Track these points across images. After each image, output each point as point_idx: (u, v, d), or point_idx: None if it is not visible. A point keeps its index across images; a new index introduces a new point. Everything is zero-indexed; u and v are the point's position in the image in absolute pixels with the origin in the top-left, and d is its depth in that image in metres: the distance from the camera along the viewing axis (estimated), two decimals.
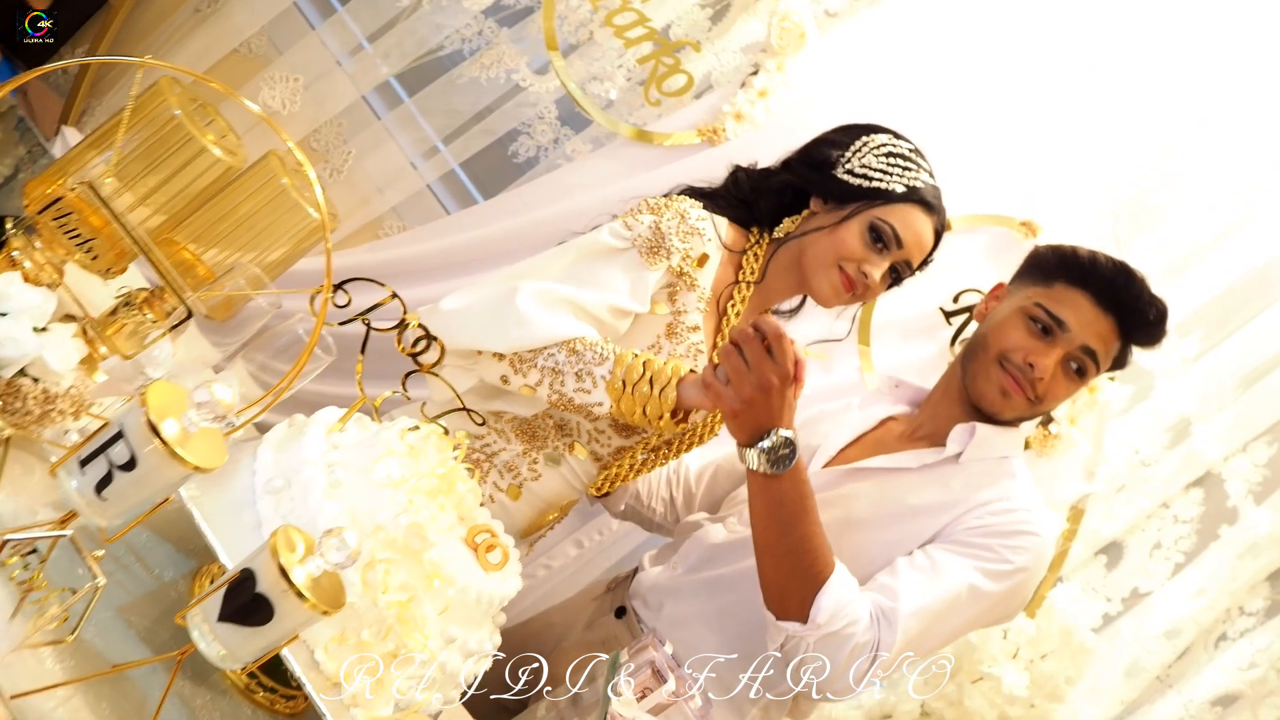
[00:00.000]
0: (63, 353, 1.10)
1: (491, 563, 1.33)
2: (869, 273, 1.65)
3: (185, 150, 1.16)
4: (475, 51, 2.53)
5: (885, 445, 1.74)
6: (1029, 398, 1.62)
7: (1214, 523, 2.46)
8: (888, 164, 1.68)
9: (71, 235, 1.10)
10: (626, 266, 1.59)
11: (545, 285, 1.56)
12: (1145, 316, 1.62)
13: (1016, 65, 2.36)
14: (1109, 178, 2.37)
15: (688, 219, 1.63)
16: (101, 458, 0.92)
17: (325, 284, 1.10)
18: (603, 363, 1.52)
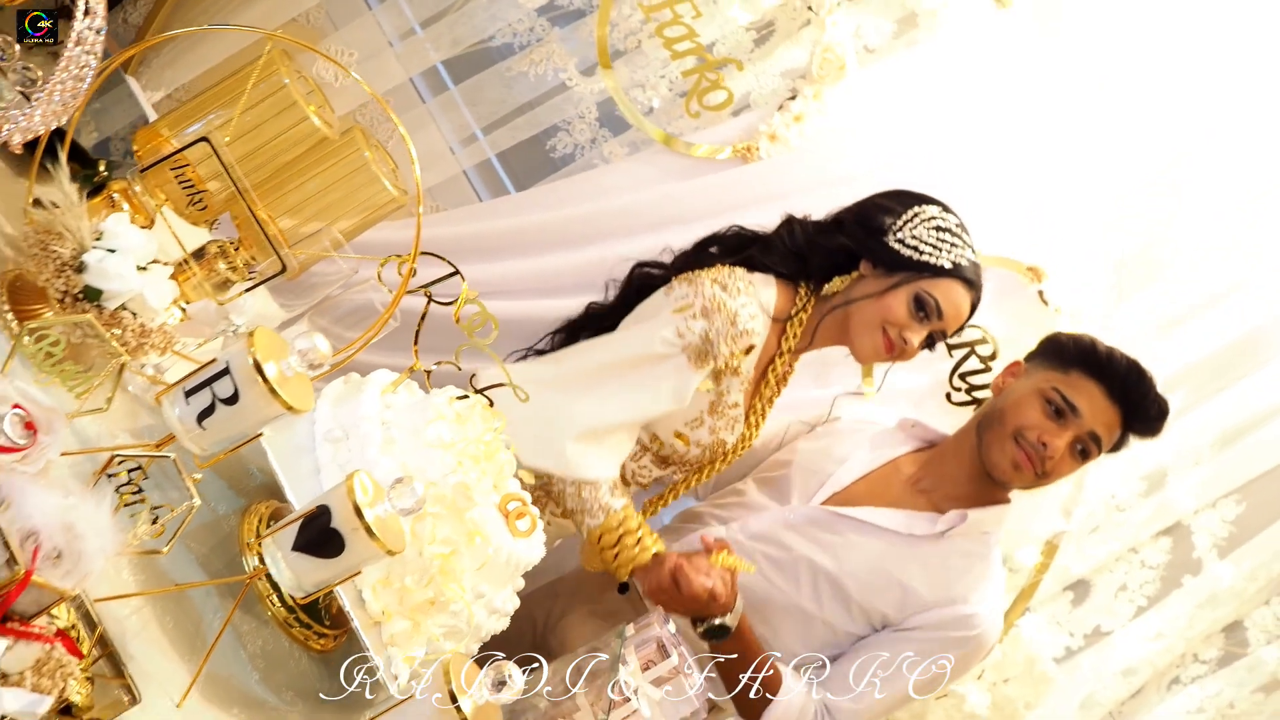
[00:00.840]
0: (160, 292, 1.19)
1: (520, 529, 1.43)
2: (909, 339, 1.81)
3: (287, 118, 1.26)
4: (525, 47, 2.62)
5: (890, 488, 1.93)
6: (1037, 473, 1.83)
7: (1178, 571, 2.59)
8: (937, 238, 1.82)
9: (185, 185, 1.19)
10: (674, 370, 1.74)
11: (593, 423, 1.72)
12: (1149, 412, 1.84)
13: (1036, 120, 2.48)
14: (1115, 231, 2.50)
15: (738, 323, 1.75)
16: (206, 390, 1.02)
17: (412, 254, 1.20)
18: (595, 517, 1.74)
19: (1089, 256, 2.51)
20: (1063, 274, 2.46)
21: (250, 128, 1.27)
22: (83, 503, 0.92)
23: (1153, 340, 2.51)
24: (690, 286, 1.79)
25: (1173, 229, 2.52)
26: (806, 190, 2.36)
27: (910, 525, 1.88)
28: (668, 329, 1.76)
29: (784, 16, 2.53)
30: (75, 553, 0.91)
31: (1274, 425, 2.56)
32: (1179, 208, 2.50)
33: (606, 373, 1.78)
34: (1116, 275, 2.54)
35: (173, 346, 1.22)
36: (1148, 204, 2.51)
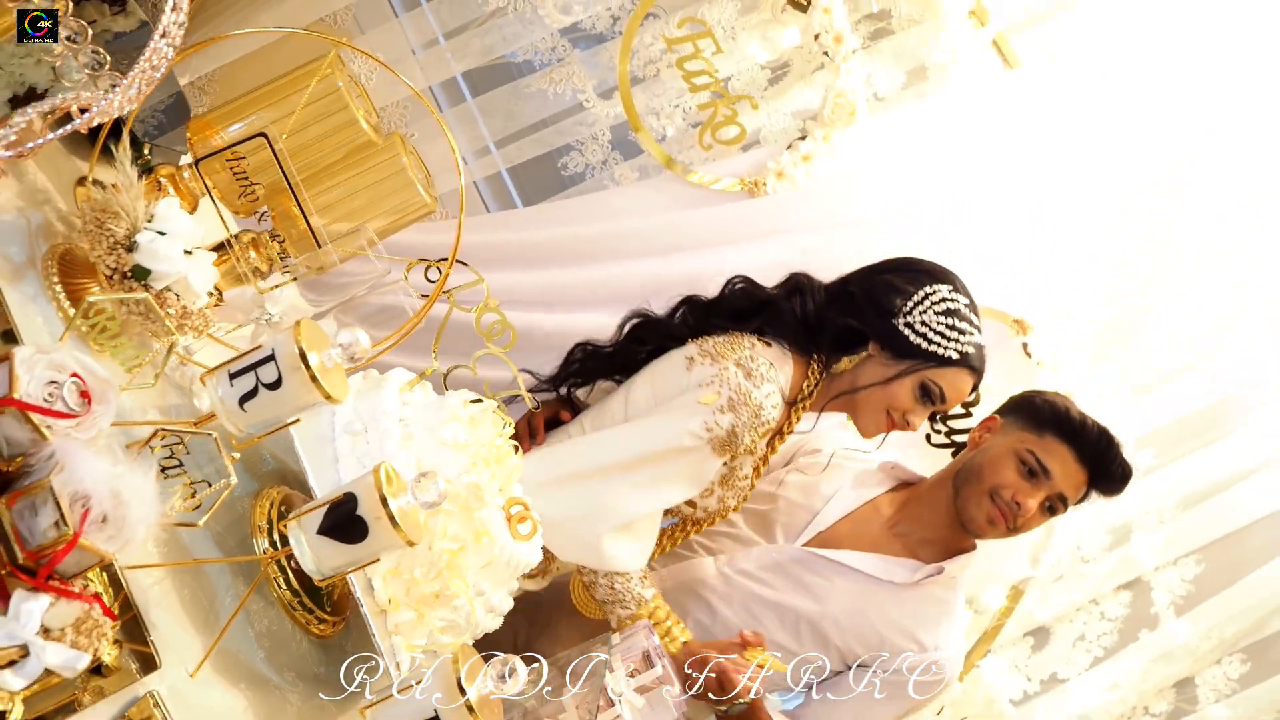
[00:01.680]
0: (203, 276, 1.24)
1: (521, 533, 1.48)
2: (911, 420, 1.88)
3: (336, 119, 1.31)
4: (546, 66, 2.69)
5: (869, 531, 2.02)
6: (1009, 527, 1.94)
7: (1136, 625, 2.68)
8: (946, 326, 1.86)
9: (239, 177, 1.24)
10: (699, 461, 1.79)
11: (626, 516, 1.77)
12: (1114, 475, 1.95)
13: (1034, 178, 2.57)
14: (1100, 294, 2.59)
15: (761, 415, 1.79)
16: (250, 375, 1.06)
17: (450, 257, 1.25)
18: (625, 608, 1.79)
19: (1074, 316, 2.60)
20: (1048, 329, 2.54)
21: (299, 126, 1.32)
22: (130, 471, 0.97)
23: (1126, 400, 2.61)
24: (714, 368, 1.80)
25: (1151, 301, 2.62)
26: (810, 229, 2.44)
27: (890, 572, 1.97)
28: (695, 422, 1.77)
29: (800, 59, 2.62)
30: (120, 519, 0.95)
31: (1235, 491, 2.65)
32: (1157, 281, 2.61)
33: (635, 467, 1.79)
34: (1098, 336, 2.64)
35: (208, 330, 1.26)
36: (1130, 273, 2.61)
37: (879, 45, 2.62)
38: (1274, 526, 2.68)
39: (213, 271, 1.27)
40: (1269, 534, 2.67)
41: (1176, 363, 2.64)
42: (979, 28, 2.55)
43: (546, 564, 1.88)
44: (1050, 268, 2.58)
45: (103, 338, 1.08)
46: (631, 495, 1.77)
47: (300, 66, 1.33)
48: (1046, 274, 2.59)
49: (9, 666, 0.87)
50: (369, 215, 1.52)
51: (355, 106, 1.34)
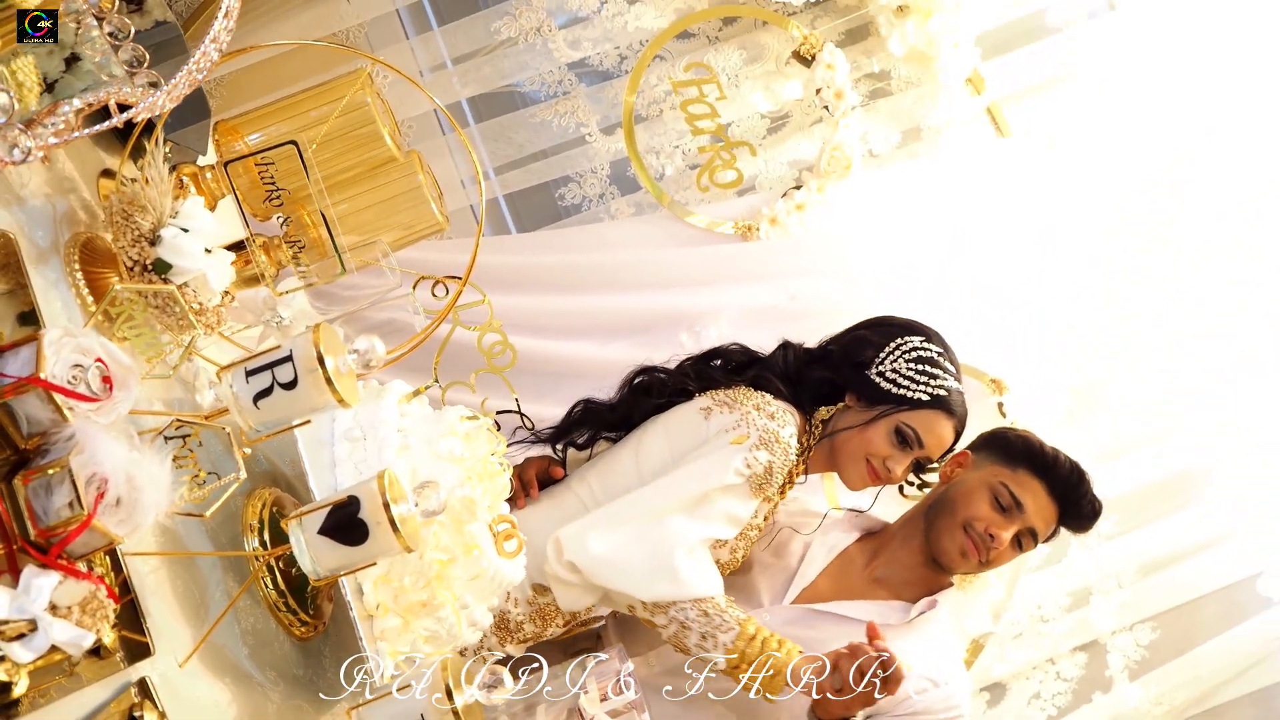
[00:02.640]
0: (221, 275, 1.26)
1: (507, 550, 1.50)
2: (892, 468, 1.89)
3: (361, 134, 1.35)
4: (552, 98, 2.74)
5: (850, 580, 2.02)
6: (981, 560, 1.95)
7: (1090, 687, 2.72)
8: (916, 371, 1.89)
9: (267, 182, 1.27)
10: (739, 499, 1.80)
11: (691, 537, 1.74)
12: (1084, 511, 1.98)
13: (1018, 242, 2.65)
14: (1075, 359, 2.67)
15: (790, 455, 1.82)
16: (267, 373, 1.09)
17: (465, 275, 1.29)
18: (727, 631, 1.70)
19: (1048, 380, 2.68)
20: (1023, 391, 2.61)
21: (326, 138, 1.35)
22: (146, 458, 0.99)
23: (1093, 466, 2.66)
24: (735, 414, 1.82)
25: (1119, 372, 2.70)
26: (800, 275, 2.51)
27: (884, 616, 1.96)
28: (737, 460, 1.77)
29: (799, 111, 2.69)
30: (132, 503, 0.97)
31: (1192, 562, 2.72)
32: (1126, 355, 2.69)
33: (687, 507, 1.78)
34: (1070, 402, 2.71)
35: (220, 328, 1.29)
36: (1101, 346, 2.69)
37: (877, 104, 2.71)
38: (1227, 599, 2.75)
39: (230, 271, 1.30)
40: (1222, 606, 2.74)
41: (1141, 433, 2.72)
42: (975, 95, 2.64)
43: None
44: (1028, 331, 2.66)
45: (125, 327, 1.10)
46: (690, 524, 1.76)
47: (332, 80, 1.36)
48: (1024, 337, 2.67)
49: (18, 639, 0.88)
50: (379, 229, 1.54)
51: (382, 123, 1.38)
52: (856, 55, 2.68)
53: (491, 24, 2.74)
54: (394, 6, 2.80)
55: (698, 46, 2.73)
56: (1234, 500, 2.69)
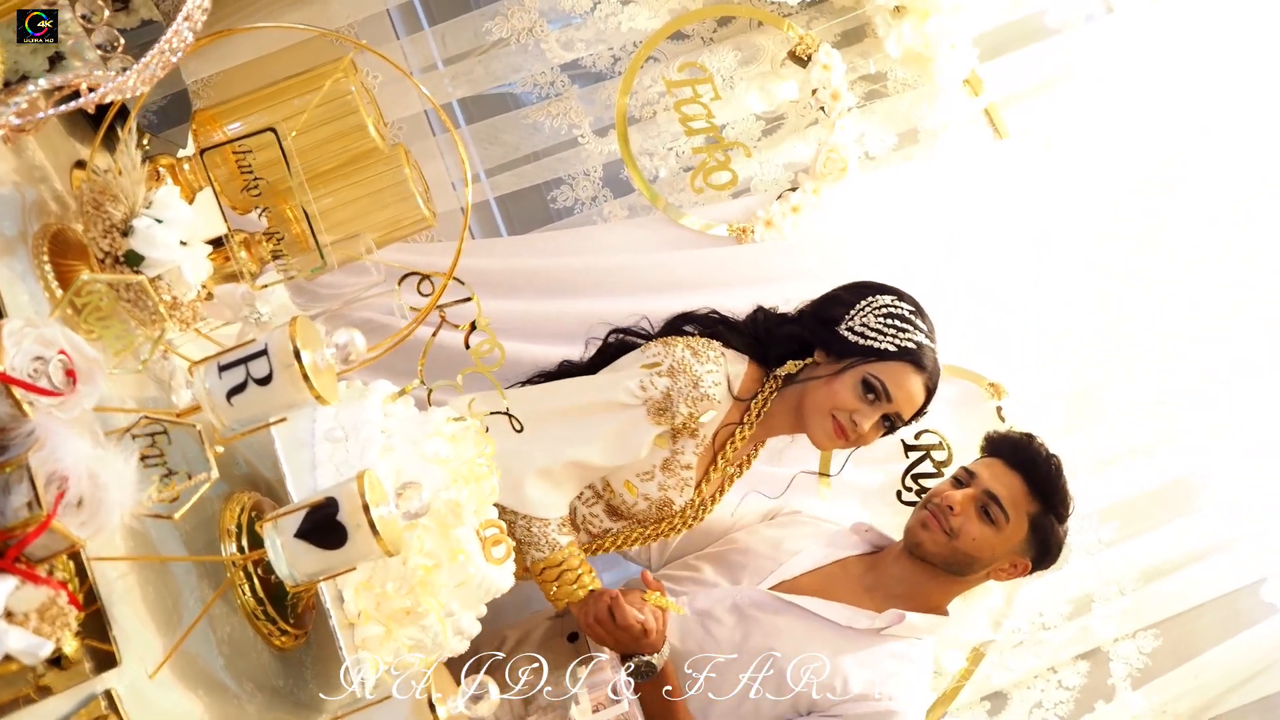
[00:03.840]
0: (197, 268, 1.22)
1: (495, 556, 1.46)
2: (859, 422, 1.86)
3: (346, 123, 1.30)
4: (544, 99, 2.70)
5: (835, 585, 2.01)
6: (944, 530, 1.92)
7: (1092, 696, 2.68)
8: (884, 324, 1.89)
9: (245, 171, 1.23)
10: (632, 423, 1.81)
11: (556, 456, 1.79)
12: (1045, 471, 1.96)
13: (1015, 246, 2.61)
14: (1072, 367, 2.63)
15: (700, 387, 1.82)
16: (241, 368, 1.04)
17: (449, 270, 1.24)
18: (540, 550, 1.80)
19: (1047, 385, 2.64)
20: (1021, 396, 2.57)
21: (307, 128, 1.31)
22: (110, 455, 0.94)
23: (1093, 473, 2.64)
24: (663, 348, 1.86)
25: (1119, 377, 2.66)
26: (795, 278, 2.45)
27: (851, 619, 1.95)
28: (632, 381, 1.83)
29: (795, 112, 2.66)
30: (96, 503, 0.92)
31: (1194, 569, 2.68)
32: (1125, 359, 2.65)
33: (570, 416, 1.83)
34: (1069, 408, 2.67)
35: (196, 323, 1.24)
36: (1096, 348, 2.66)
37: (873, 106, 2.67)
38: (1229, 606, 2.71)
39: (207, 265, 1.25)
40: (1225, 613, 2.70)
41: (1139, 439, 2.68)
42: (972, 97, 2.61)
43: None
44: (1025, 335, 2.62)
45: (92, 319, 1.06)
46: (560, 440, 1.80)
47: (314, 68, 1.32)
48: (1021, 341, 2.63)
49: None
50: (364, 223, 1.50)
51: (366, 113, 1.33)
52: (853, 56, 2.65)
53: (483, 24, 2.71)
54: (385, 6, 2.76)
55: (692, 47, 2.69)
56: (1234, 506, 2.65)
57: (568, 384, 1.91)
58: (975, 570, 1.97)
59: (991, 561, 1.96)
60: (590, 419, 1.82)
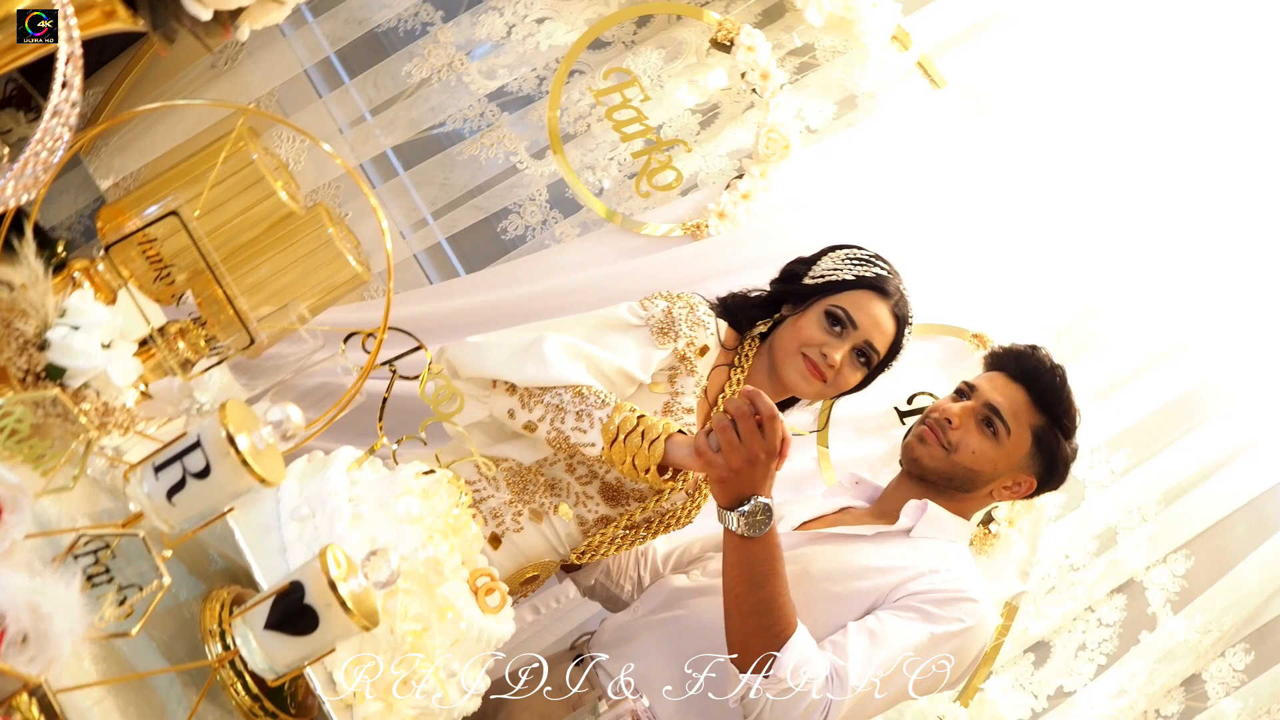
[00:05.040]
0: (124, 369, 1.17)
1: (490, 605, 1.41)
2: (828, 354, 1.80)
3: (255, 192, 1.26)
4: (476, 132, 2.67)
5: (844, 519, 1.90)
6: (942, 444, 1.82)
7: (1135, 628, 2.63)
8: (842, 263, 1.89)
9: (153, 261, 1.19)
10: (638, 341, 1.75)
11: (568, 339, 1.71)
12: (1049, 380, 1.84)
13: (975, 192, 2.57)
14: (1054, 302, 2.59)
15: (696, 311, 1.80)
16: (177, 465, 1.00)
17: (382, 326, 1.20)
18: (603, 407, 1.65)
19: (1031, 326, 2.60)
20: (1006, 339, 2.52)
21: (216, 203, 1.27)
22: (49, 583, 0.89)
23: (1093, 404, 2.59)
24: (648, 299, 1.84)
25: (1103, 305, 2.62)
26: (756, 265, 2.40)
27: (874, 529, 1.81)
28: (631, 304, 1.80)
29: (728, 100, 2.62)
30: (42, 635, 0.87)
31: (1215, 481, 2.63)
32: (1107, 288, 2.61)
33: (578, 329, 1.77)
34: (1056, 344, 2.63)
35: (135, 426, 1.20)
36: (1079, 280, 2.61)
37: (806, 78, 2.64)
38: (1255, 513, 2.66)
39: (134, 363, 1.21)
40: (1251, 520, 2.65)
41: (1139, 360, 2.64)
42: (902, 52, 2.57)
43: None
44: (1002, 279, 2.58)
45: (11, 442, 1.01)
46: (567, 337, 1.73)
47: (212, 142, 1.28)
48: (1000, 288, 2.59)
49: None
50: (300, 290, 1.47)
51: (272, 178, 1.29)
52: (777, 33, 2.62)
53: (402, 68, 2.67)
54: (301, 68, 2.73)
55: (615, 54, 2.66)
56: (1243, 409, 2.61)
57: (566, 318, 1.81)
58: (977, 487, 1.82)
59: (994, 477, 1.82)
60: (596, 331, 1.76)
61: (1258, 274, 2.63)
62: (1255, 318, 2.62)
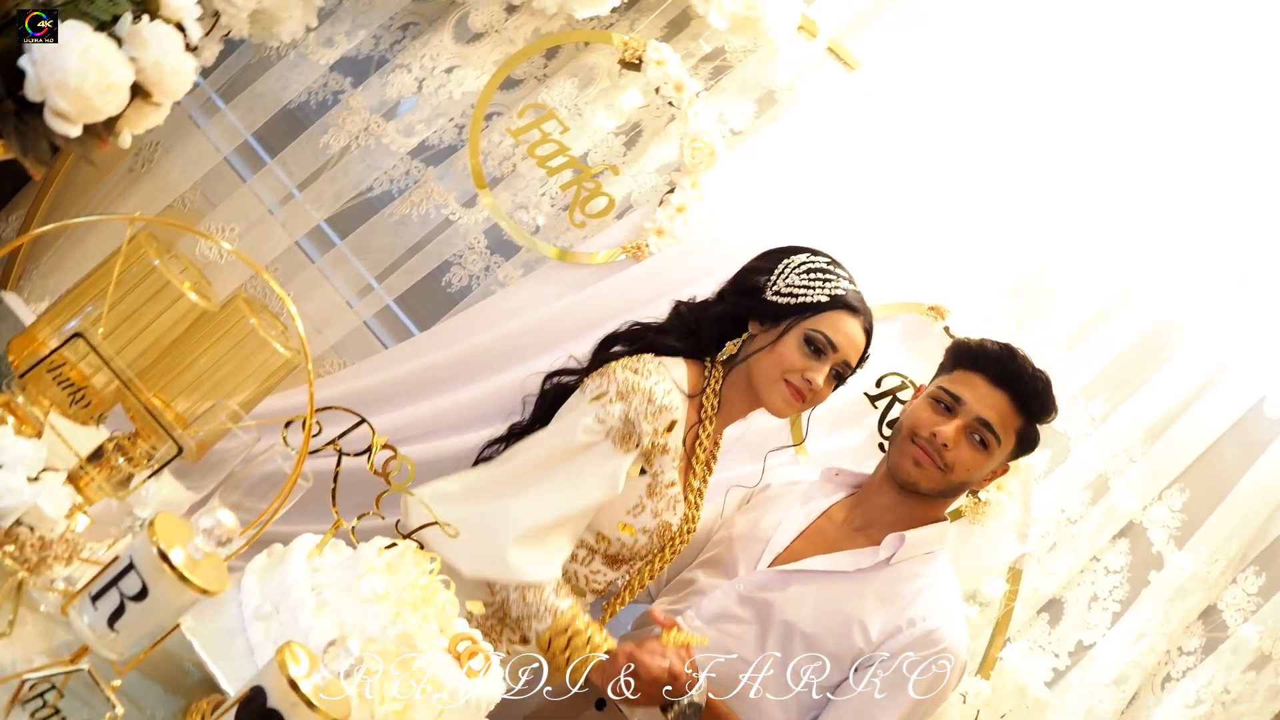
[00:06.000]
0: (56, 500, 1.15)
1: (474, 669, 1.38)
2: (812, 379, 1.85)
3: (163, 298, 1.24)
4: (404, 191, 2.66)
5: (827, 537, 1.95)
6: (938, 466, 1.87)
7: (1143, 570, 2.61)
8: (809, 279, 1.89)
9: (64, 385, 1.16)
10: (601, 456, 1.76)
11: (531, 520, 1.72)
12: (1033, 387, 1.90)
13: (910, 168, 2.57)
14: (1006, 263, 2.58)
15: (654, 400, 1.78)
16: (113, 591, 0.97)
17: (308, 411, 1.18)
18: (542, 620, 1.73)
19: (986, 289, 2.59)
20: (964, 309, 2.52)
21: (129, 314, 1.25)
22: None
23: (1060, 355, 2.58)
24: (602, 378, 1.82)
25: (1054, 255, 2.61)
26: (701, 276, 2.39)
27: (856, 562, 1.90)
28: (587, 418, 1.77)
29: (648, 116, 2.61)
30: None
31: (1195, 411, 2.62)
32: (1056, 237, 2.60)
33: (537, 470, 1.78)
34: (1014, 302, 2.62)
35: (79, 555, 1.17)
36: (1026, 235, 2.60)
37: (722, 82, 2.63)
38: (1240, 435, 2.65)
39: (66, 492, 1.18)
40: (1238, 443, 2.64)
41: (1100, 302, 2.63)
42: (811, 40, 2.57)
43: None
44: (949, 248, 2.57)
45: None
46: (536, 502, 1.74)
47: (110, 255, 1.26)
48: (948, 256, 2.57)
49: None
50: (236, 382, 1.45)
51: (178, 281, 1.27)
52: (685, 43, 2.61)
53: (320, 141, 2.66)
54: (220, 156, 2.71)
55: (528, 90, 2.65)
56: (1212, 333, 2.59)
57: (524, 443, 1.86)
58: (965, 491, 1.93)
59: (980, 480, 1.91)
60: (558, 469, 1.77)
61: (1202, 203, 2.61)
62: (1205, 246, 2.61)
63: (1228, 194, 2.58)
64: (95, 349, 1.14)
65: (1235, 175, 2.57)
